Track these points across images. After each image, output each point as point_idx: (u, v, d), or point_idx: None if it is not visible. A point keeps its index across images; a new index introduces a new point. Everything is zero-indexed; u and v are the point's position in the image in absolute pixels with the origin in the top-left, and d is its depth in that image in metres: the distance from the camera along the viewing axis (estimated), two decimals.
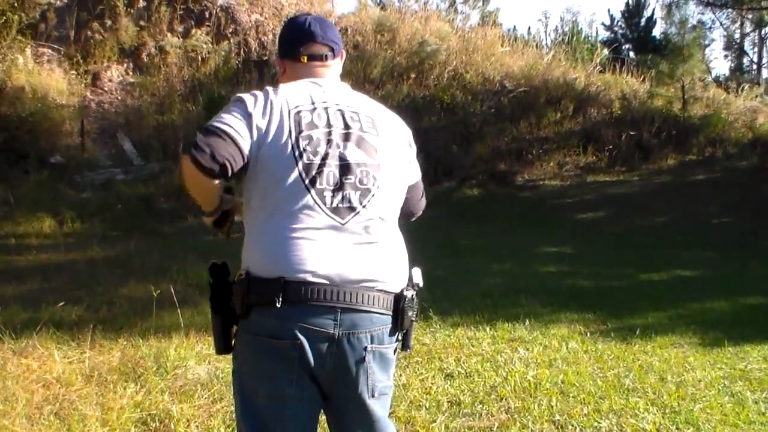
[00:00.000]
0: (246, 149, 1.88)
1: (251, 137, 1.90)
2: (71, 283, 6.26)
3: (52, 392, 3.73)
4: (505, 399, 3.90)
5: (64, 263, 7.17)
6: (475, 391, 4.01)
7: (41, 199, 9.34)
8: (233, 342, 2.01)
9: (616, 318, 5.89)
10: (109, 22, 12.76)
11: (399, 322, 1.98)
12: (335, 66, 2.16)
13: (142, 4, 13.16)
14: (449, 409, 3.74)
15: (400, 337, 2.03)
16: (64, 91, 11.73)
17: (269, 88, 2.01)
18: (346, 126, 1.99)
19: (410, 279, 2.04)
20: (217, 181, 1.91)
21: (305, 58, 2.11)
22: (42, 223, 8.81)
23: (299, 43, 2.12)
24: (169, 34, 13.23)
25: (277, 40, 2.24)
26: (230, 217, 2.17)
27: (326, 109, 2.00)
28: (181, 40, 13.29)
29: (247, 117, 1.91)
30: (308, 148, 1.92)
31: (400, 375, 4.12)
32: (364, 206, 1.94)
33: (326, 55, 2.12)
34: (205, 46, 13.37)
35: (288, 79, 2.13)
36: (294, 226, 1.89)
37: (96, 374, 4.00)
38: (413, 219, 2.27)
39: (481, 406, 3.79)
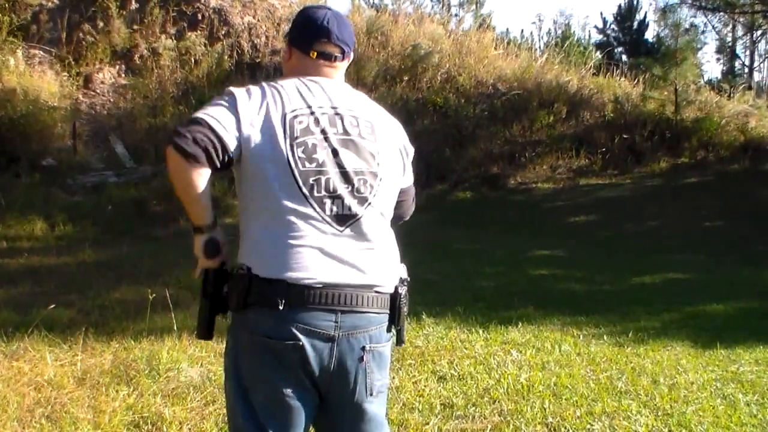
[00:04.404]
0: (228, 142, 1.86)
1: (237, 132, 1.87)
2: (63, 287, 6.24)
3: (43, 395, 3.70)
4: (498, 401, 3.90)
5: (55, 266, 7.14)
6: (468, 393, 4.00)
7: (33, 202, 9.30)
8: (227, 337, 2.00)
9: (609, 321, 5.90)
10: (101, 24, 12.72)
11: (395, 319, 2.01)
12: (342, 67, 2.13)
13: (134, 5, 13.14)
14: (442, 412, 3.73)
15: (394, 333, 2.06)
16: (55, 93, 11.67)
17: (266, 87, 1.97)
18: (345, 132, 1.97)
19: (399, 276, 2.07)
20: (204, 176, 1.85)
21: (315, 54, 2.06)
22: (33, 226, 8.77)
23: (312, 38, 2.06)
24: (161, 36, 13.20)
25: (290, 22, 2.17)
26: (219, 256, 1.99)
27: (324, 114, 1.97)
28: (174, 42, 13.26)
29: (235, 112, 1.89)
30: (303, 155, 1.90)
31: (393, 377, 4.11)
32: (361, 214, 1.95)
33: (336, 56, 2.08)
34: (198, 48, 13.35)
35: (292, 67, 2.10)
36: (293, 233, 1.89)
37: (88, 377, 3.98)
38: (401, 222, 2.27)
39: (474, 408, 3.79)
